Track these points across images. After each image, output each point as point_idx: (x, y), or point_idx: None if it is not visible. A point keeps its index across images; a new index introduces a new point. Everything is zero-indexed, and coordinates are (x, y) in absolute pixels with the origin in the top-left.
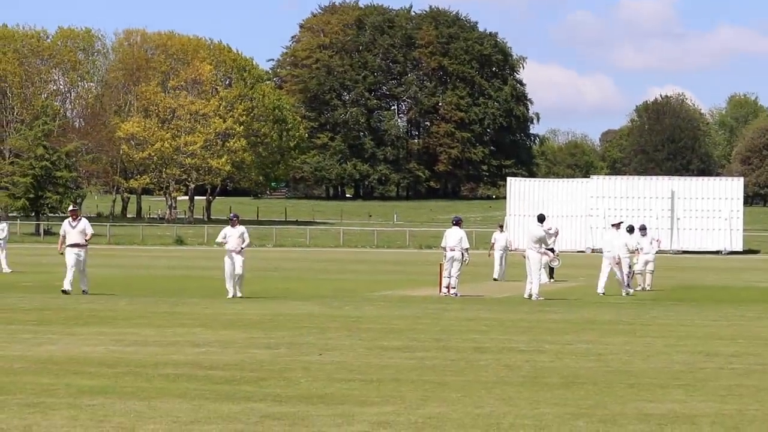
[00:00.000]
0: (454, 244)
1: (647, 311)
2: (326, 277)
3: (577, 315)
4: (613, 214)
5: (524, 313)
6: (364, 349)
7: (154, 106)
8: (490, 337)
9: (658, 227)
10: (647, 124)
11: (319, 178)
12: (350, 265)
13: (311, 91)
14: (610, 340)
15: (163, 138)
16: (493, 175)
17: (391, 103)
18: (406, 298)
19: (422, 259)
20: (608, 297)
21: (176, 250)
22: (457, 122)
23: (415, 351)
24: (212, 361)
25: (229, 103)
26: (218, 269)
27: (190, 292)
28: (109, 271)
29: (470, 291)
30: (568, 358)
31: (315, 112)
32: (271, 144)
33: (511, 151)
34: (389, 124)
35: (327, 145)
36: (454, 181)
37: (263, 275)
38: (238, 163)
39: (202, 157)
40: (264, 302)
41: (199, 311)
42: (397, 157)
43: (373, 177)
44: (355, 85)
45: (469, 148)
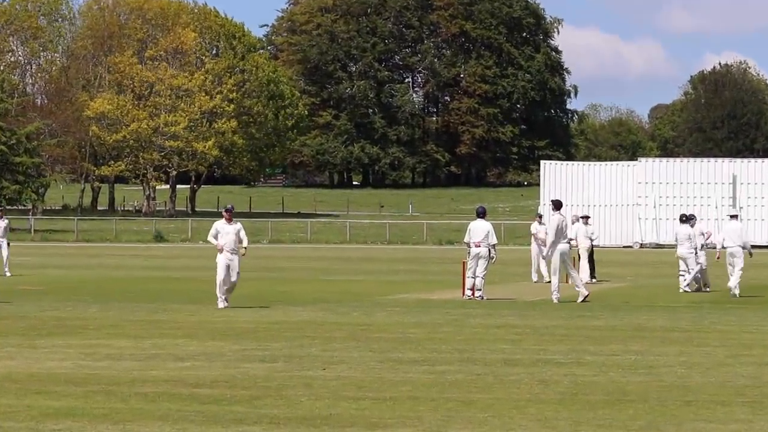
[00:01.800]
0: (480, 239)
1: (705, 316)
2: (330, 278)
3: (623, 321)
4: (664, 202)
5: (562, 319)
6: (376, 363)
7: (128, 80)
8: (522, 347)
9: (718, 218)
10: (704, 98)
11: (322, 163)
12: (358, 264)
13: (312, 62)
14: (662, 350)
15: (140, 117)
16: (524, 158)
17: (405, 75)
18: (424, 302)
19: (442, 256)
20: (658, 300)
21: (155, 248)
22: (481, 97)
23: (435, 364)
24: (198, 378)
25: (216, 76)
26: (205, 269)
27: (171, 297)
28: (77, 272)
29: (499, 293)
30: (614, 372)
31: (316, 87)
32: (265, 124)
33: (545, 130)
34: (402, 100)
35: (330, 124)
36: (479, 165)
37: (257, 276)
38: (228, 146)
39: (185, 139)
40: (258, 308)
41: (183, 319)
42: (412, 138)
43: (385, 161)
44: (362, 54)
45: (495, 127)
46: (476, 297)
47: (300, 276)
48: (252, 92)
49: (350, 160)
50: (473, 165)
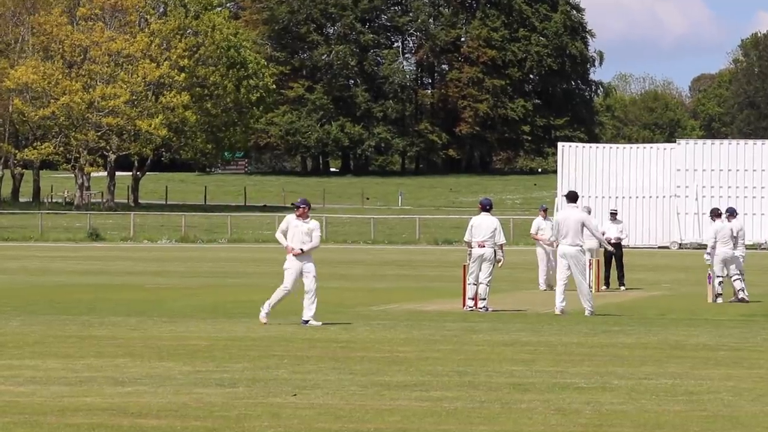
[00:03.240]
0: (484, 238)
1: (758, 332)
2: None
3: (658, 337)
4: (709, 194)
5: (583, 335)
6: (358, 387)
7: (57, 44)
8: (535, 369)
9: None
10: (757, 66)
11: (292, 146)
12: (337, 268)
13: (280, 23)
14: (705, 372)
15: (72, 89)
16: (538, 139)
17: (394, 38)
18: (417, 314)
19: (438, 259)
20: (701, 312)
21: (90, 248)
22: (486, 65)
23: (430, 389)
24: (142, 405)
25: (163, 39)
26: (151, 274)
27: (110, 308)
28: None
29: (507, 304)
30: (646, 399)
31: (286, 53)
32: (224, 98)
33: (564, 105)
34: (390, 69)
35: (303, 98)
36: (483, 148)
37: (214, 283)
38: (178, 124)
39: (126, 116)
40: (215, 321)
41: (124, 334)
42: (402, 115)
43: (369, 143)
44: (341, 13)
45: (504, 102)
46: (479, 308)
47: (266, 282)
48: (208, 59)
49: (327, 142)
50: (476, 148)
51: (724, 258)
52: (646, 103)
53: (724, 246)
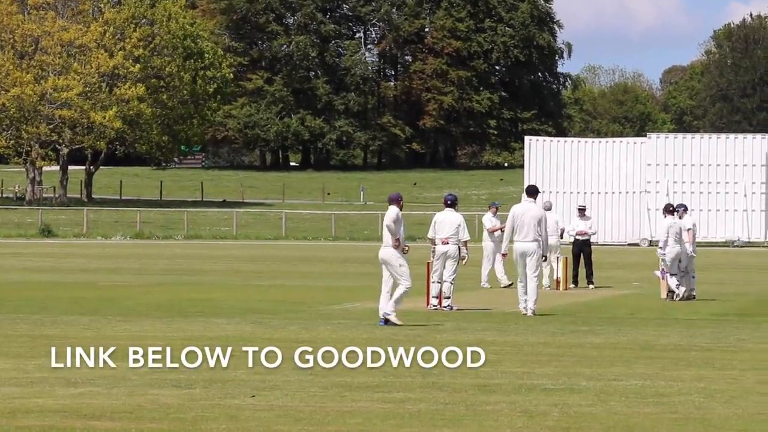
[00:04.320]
0: (448, 235)
1: (731, 332)
2: (262, 282)
3: (627, 337)
4: (680, 189)
5: (551, 335)
6: (318, 389)
7: (7, 33)
8: (501, 369)
9: (747, 208)
10: (730, 58)
11: (251, 139)
12: (297, 266)
13: (238, 12)
14: (676, 373)
15: (23, 81)
16: (504, 133)
17: (356, 28)
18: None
19: None
20: (672, 311)
21: (42, 245)
22: (451, 56)
23: (392, 390)
24: (95, 407)
25: (118, 29)
26: (105, 271)
27: (62, 306)
28: None
29: (472, 302)
30: (615, 401)
31: (244, 43)
32: (180, 89)
33: (531, 98)
34: (352, 60)
35: (262, 90)
36: (448, 142)
37: (170, 281)
38: (133, 117)
39: (79, 108)
40: (172, 320)
41: (76, 334)
42: (364, 108)
43: (330, 137)
44: (302, 2)
45: (469, 95)
46: (444, 307)
47: (223, 280)
48: (163, 49)
49: (287, 136)
50: (441, 142)
51: (677, 254)
52: (616, 96)
53: (676, 243)
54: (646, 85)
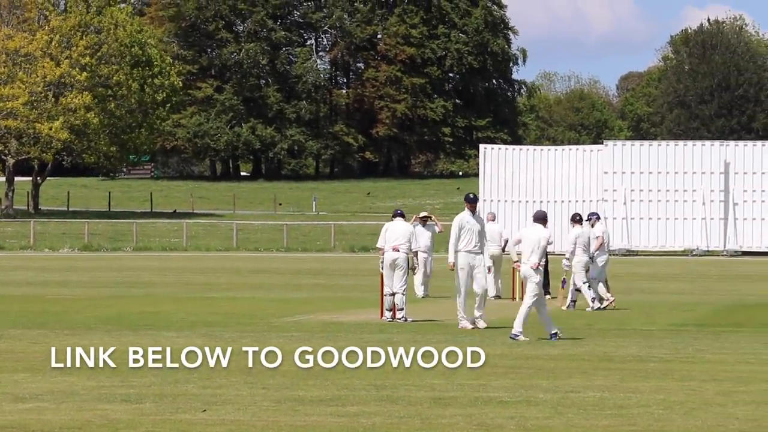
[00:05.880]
0: (399, 242)
1: (690, 342)
2: (213, 295)
3: (585, 349)
4: (638, 197)
5: (507, 346)
6: (271, 402)
7: None
8: (457, 382)
9: (706, 216)
10: (688, 64)
11: (201, 149)
12: (248, 277)
13: (187, 20)
14: (635, 385)
15: None
16: (459, 141)
17: (307, 35)
18: (333, 325)
19: (355, 267)
20: (630, 322)
21: None
22: (405, 63)
23: (346, 404)
24: (43, 423)
25: (64, 37)
26: (53, 284)
27: (8, 320)
28: None
29: (426, 313)
30: (573, 413)
31: (193, 51)
32: (128, 98)
33: (486, 105)
34: (304, 68)
35: (212, 99)
36: (401, 150)
37: (118, 293)
38: (80, 127)
39: (25, 118)
40: (120, 333)
41: (23, 348)
42: (316, 117)
43: (281, 146)
44: (252, 9)
45: (422, 102)
46: (398, 319)
47: (173, 293)
48: (111, 57)
49: (237, 145)
50: (394, 151)
51: (586, 263)
52: (572, 103)
53: (584, 253)
54: (602, 92)
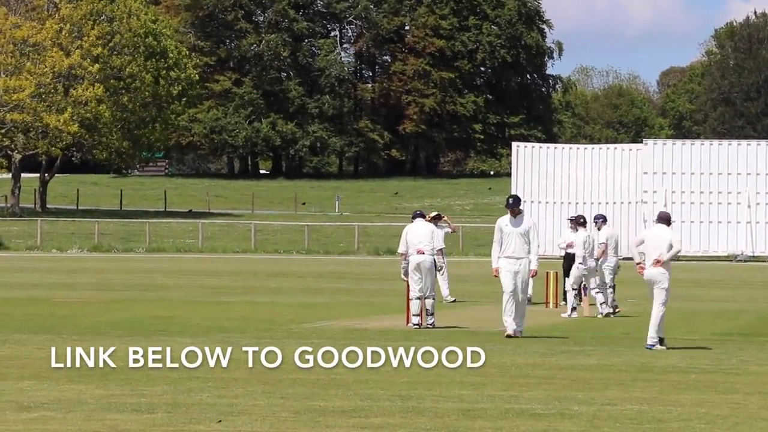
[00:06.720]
0: (423, 244)
1: (734, 353)
2: (230, 299)
3: (622, 359)
4: (678, 199)
5: (540, 356)
6: (290, 413)
7: None
8: (487, 393)
9: (751, 220)
10: (733, 59)
11: (218, 145)
12: (267, 281)
13: (204, 9)
14: (675, 398)
15: None
16: (490, 138)
17: (330, 26)
18: (356, 332)
19: (380, 271)
20: (671, 330)
21: None
22: (434, 56)
23: (369, 416)
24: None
25: (75, 26)
26: (60, 287)
27: (14, 325)
28: None
29: (455, 320)
30: (609, 427)
31: (211, 42)
32: (142, 91)
33: (519, 101)
34: (327, 60)
35: (230, 92)
36: (430, 148)
37: (130, 297)
38: (91, 120)
39: (32, 111)
40: (132, 339)
41: (29, 354)
42: (339, 112)
43: (303, 143)
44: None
45: (453, 97)
46: (427, 324)
47: (188, 296)
48: (123, 48)
49: (256, 142)
50: (422, 148)
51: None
52: (610, 100)
53: (591, 257)
54: (642, 88)
